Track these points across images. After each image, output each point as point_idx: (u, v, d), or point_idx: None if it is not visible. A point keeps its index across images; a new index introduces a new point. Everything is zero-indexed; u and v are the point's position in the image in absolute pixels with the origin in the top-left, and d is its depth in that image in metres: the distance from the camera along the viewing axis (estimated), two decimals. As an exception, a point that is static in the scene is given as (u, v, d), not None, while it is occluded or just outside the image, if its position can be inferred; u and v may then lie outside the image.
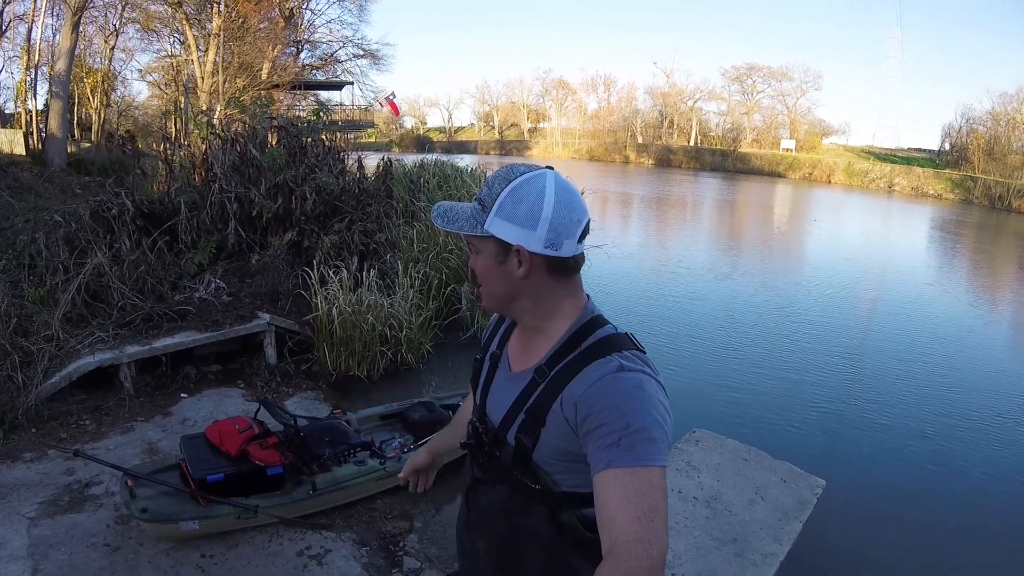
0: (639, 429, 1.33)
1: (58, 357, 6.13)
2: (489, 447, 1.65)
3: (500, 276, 1.56)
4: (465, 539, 1.86)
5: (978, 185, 43.83)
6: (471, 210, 1.56)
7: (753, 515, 4.34)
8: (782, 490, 4.65)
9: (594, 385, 1.42)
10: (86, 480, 4.77)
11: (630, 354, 1.48)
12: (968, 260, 21.34)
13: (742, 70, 69.54)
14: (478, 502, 1.77)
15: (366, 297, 7.50)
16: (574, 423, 1.43)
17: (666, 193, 36.79)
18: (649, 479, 1.29)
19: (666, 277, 14.45)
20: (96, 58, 27.15)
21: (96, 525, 4.28)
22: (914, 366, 9.56)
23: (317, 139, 9.98)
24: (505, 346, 1.77)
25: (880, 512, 5.65)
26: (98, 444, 5.40)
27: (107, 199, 8.09)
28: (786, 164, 56.64)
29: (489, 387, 1.74)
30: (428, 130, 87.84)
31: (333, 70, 31.68)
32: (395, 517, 4.73)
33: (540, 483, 1.55)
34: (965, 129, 55.06)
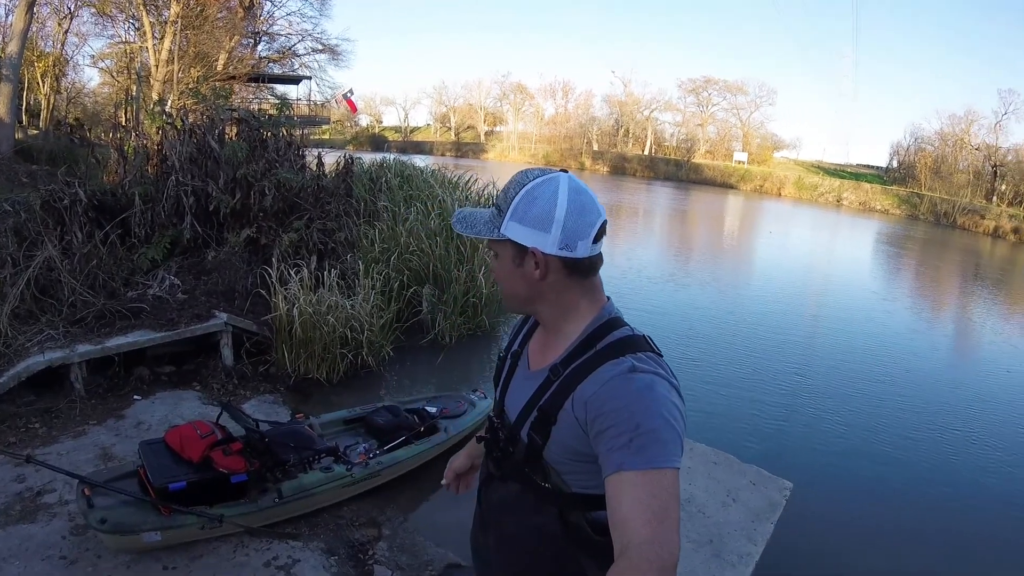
0: (649, 431, 1.35)
1: (6, 355, 5.82)
2: (504, 443, 1.69)
3: (518, 278, 1.60)
4: (479, 534, 1.92)
5: (924, 202, 45.57)
6: (489, 215, 1.61)
7: (727, 517, 4.46)
8: (752, 492, 4.79)
9: (605, 386, 1.44)
10: (38, 488, 4.51)
11: (644, 356, 1.50)
12: (916, 273, 22.40)
13: (698, 82, 71.37)
14: (490, 498, 1.82)
15: (327, 298, 7.34)
16: (584, 423, 1.45)
17: (620, 201, 37.16)
18: (661, 481, 1.31)
19: (623, 286, 14.49)
20: (48, 41, 26.59)
21: (51, 536, 4.03)
22: (870, 370, 10.05)
23: (278, 133, 9.74)
24: (526, 345, 1.81)
25: (846, 511, 6.00)
26: (49, 449, 5.12)
27: (59, 189, 7.76)
28: (738, 176, 57.97)
29: (509, 384, 1.79)
30: (384, 129, 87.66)
31: (291, 64, 31.37)
32: (363, 524, 4.60)
33: (550, 482, 1.58)
34: (913, 148, 57.14)
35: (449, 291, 9.05)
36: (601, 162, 66.41)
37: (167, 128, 9.09)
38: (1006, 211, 43.34)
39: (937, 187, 49.14)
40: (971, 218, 42.59)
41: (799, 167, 62.90)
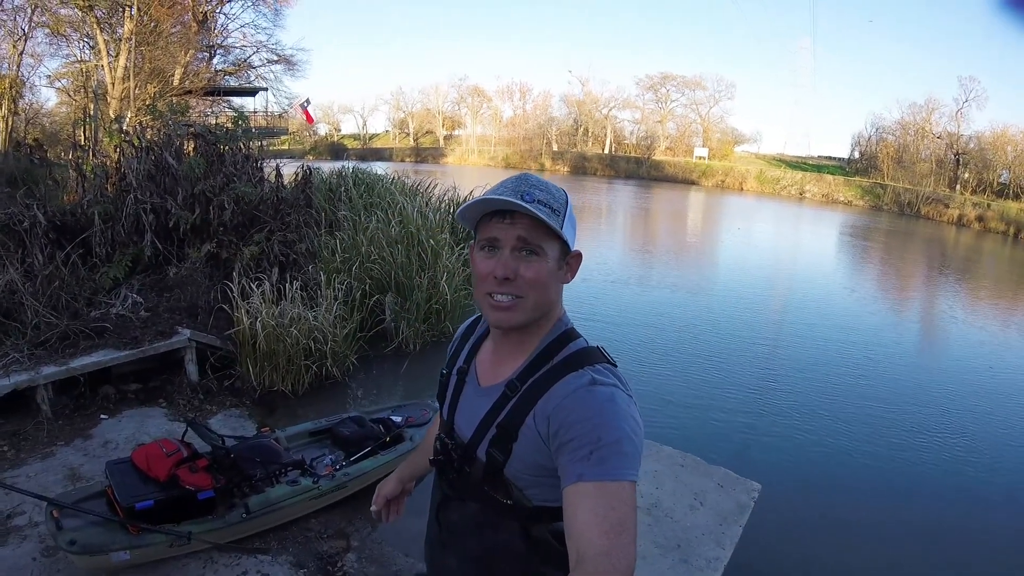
0: (611, 443, 1.33)
1: (-30, 379, 5.85)
2: (459, 463, 1.63)
3: (555, 282, 1.56)
4: (437, 555, 1.84)
5: (887, 192, 45.76)
6: None
7: (694, 521, 4.40)
8: (720, 495, 4.72)
9: (567, 399, 1.42)
10: (8, 511, 4.55)
11: (602, 367, 1.49)
12: (882, 265, 22.47)
13: (656, 79, 71.00)
14: (448, 519, 1.75)
15: (289, 310, 7.41)
16: (546, 436, 1.43)
17: (581, 201, 37.05)
18: (619, 493, 1.30)
19: (586, 287, 14.48)
20: (3, 64, 26.19)
21: (21, 559, 4.09)
22: (838, 367, 10.05)
23: (235, 147, 9.77)
24: (473, 360, 1.75)
25: (815, 510, 5.99)
26: (18, 471, 5.16)
27: (18, 211, 7.77)
28: (699, 172, 58.03)
29: (457, 402, 1.72)
30: (343, 137, 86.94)
31: (247, 76, 31.00)
32: (331, 536, 4.67)
33: (511, 498, 1.54)
34: (875, 138, 57.21)
35: (412, 298, 9.11)
36: (561, 162, 66.42)
37: (124, 146, 9.09)
38: (969, 199, 43.60)
39: (900, 177, 49.06)
40: (935, 207, 42.71)
41: (761, 161, 62.87)
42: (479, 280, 1.55)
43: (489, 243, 1.52)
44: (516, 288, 1.50)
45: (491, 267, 1.51)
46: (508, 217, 1.49)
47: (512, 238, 1.48)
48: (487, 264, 1.52)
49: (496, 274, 1.49)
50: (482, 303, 1.57)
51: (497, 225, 1.50)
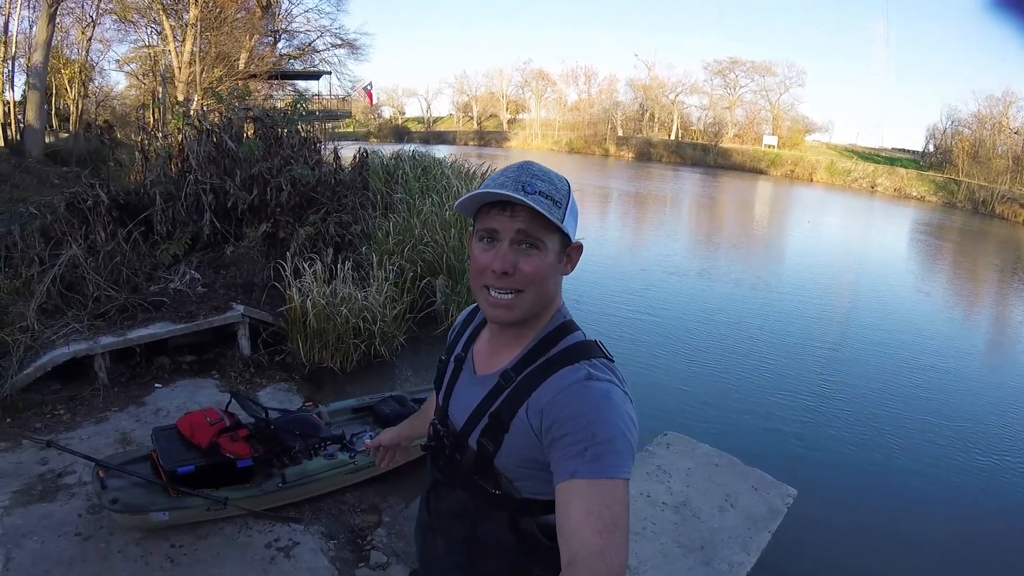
0: (605, 440, 1.31)
1: (33, 348, 6.18)
2: (450, 450, 1.62)
3: (556, 275, 1.53)
4: (426, 540, 1.85)
5: (961, 188, 43.42)
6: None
7: (722, 522, 4.30)
8: (753, 498, 4.60)
9: (561, 393, 1.40)
10: (59, 470, 4.84)
11: (599, 362, 1.47)
12: (951, 267, 21.23)
13: (725, 64, 68.98)
14: (438, 505, 1.75)
15: (340, 289, 7.56)
16: (539, 430, 1.42)
17: (646, 189, 36.60)
18: (612, 491, 1.28)
19: (645, 276, 14.37)
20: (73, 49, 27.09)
21: (68, 514, 4.35)
22: (893, 376, 9.36)
23: (293, 130, 9.98)
24: (471, 348, 1.74)
25: (850, 525, 5.59)
26: (72, 434, 5.46)
27: (82, 191, 8.13)
28: (768, 160, 56.43)
29: (452, 389, 1.71)
30: (407, 120, 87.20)
31: (311, 60, 31.49)
32: (364, 511, 4.80)
33: (500, 488, 1.54)
34: (950, 131, 54.48)
35: (462, 282, 9.14)
36: (626, 148, 65.11)
37: (187, 129, 9.38)
38: (1047, 200, 41.35)
39: (975, 173, 46.28)
40: (1010, 207, 39.41)
41: (832, 151, 60.81)
42: (477, 272, 1.52)
43: (488, 234, 1.49)
44: (515, 282, 1.47)
45: (489, 260, 1.48)
46: (508, 209, 1.45)
47: (511, 231, 1.45)
48: (485, 256, 1.49)
49: (494, 267, 1.46)
50: (479, 296, 1.55)
51: (497, 216, 1.47)
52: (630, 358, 8.98)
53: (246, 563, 4.04)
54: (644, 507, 4.38)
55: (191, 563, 4.00)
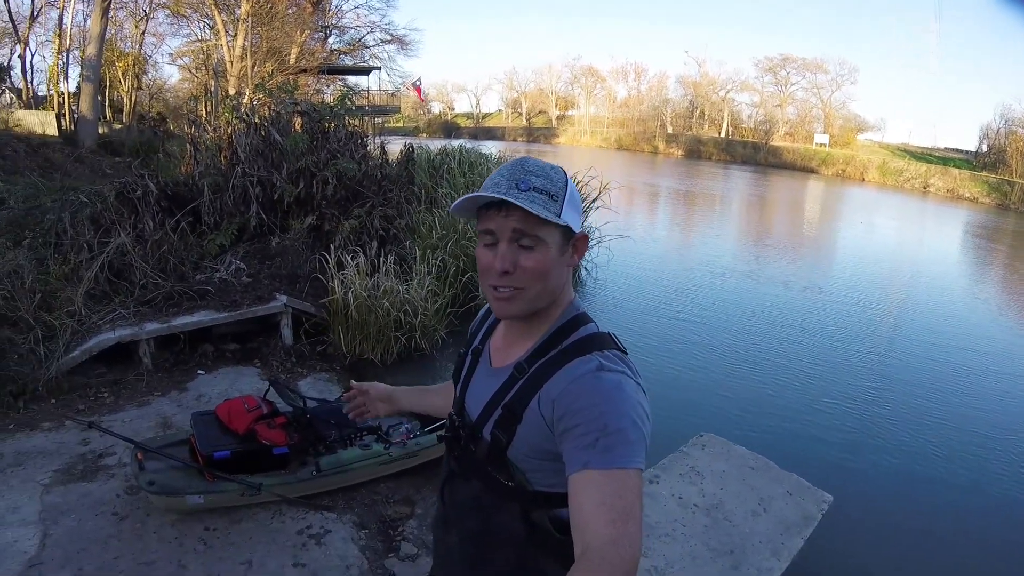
0: (617, 431, 1.31)
1: (80, 332, 6.35)
2: (465, 441, 1.64)
3: (560, 269, 1.52)
4: (440, 532, 1.86)
5: (1015, 190, 42.09)
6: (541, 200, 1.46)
7: (754, 527, 4.22)
8: (787, 503, 4.51)
9: (572, 384, 1.41)
10: (100, 451, 4.96)
11: (611, 354, 1.47)
12: (1006, 271, 20.58)
13: (776, 61, 68.03)
14: (452, 496, 1.76)
15: (383, 282, 7.63)
16: (551, 421, 1.42)
17: (695, 187, 36.09)
18: (625, 481, 1.28)
19: (691, 276, 14.20)
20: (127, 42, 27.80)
21: (106, 494, 4.45)
22: (942, 386, 8.96)
23: (340, 124, 10.08)
24: (487, 341, 1.76)
25: (886, 537, 5.41)
26: (114, 416, 5.59)
27: (132, 181, 8.30)
28: (819, 159, 55.44)
29: (469, 381, 1.72)
30: (456, 116, 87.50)
31: (361, 55, 31.78)
32: (397, 502, 4.81)
33: (513, 480, 1.54)
34: (1004, 130, 53.23)
35: (506, 277, 9.13)
36: (675, 145, 64.38)
37: (235, 122, 9.52)
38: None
39: None
40: None
41: (884, 150, 59.46)
42: (481, 273, 1.53)
43: (487, 235, 1.50)
44: (516, 280, 1.48)
45: (491, 260, 1.49)
46: (503, 209, 1.46)
47: (508, 229, 1.46)
48: (488, 257, 1.50)
49: (496, 267, 1.47)
50: (487, 294, 1.55)
51: (493, 217, 1.47)
52: (672, 357, 8.99)
53: (277, 548, 4.09)
54: (675, 509, 4.33)
55: (224, 546, 4.06)
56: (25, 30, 26.23)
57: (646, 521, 4.08)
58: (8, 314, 6.28)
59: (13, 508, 4.24)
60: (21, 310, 6.29)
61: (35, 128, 19.22)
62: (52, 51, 24.42)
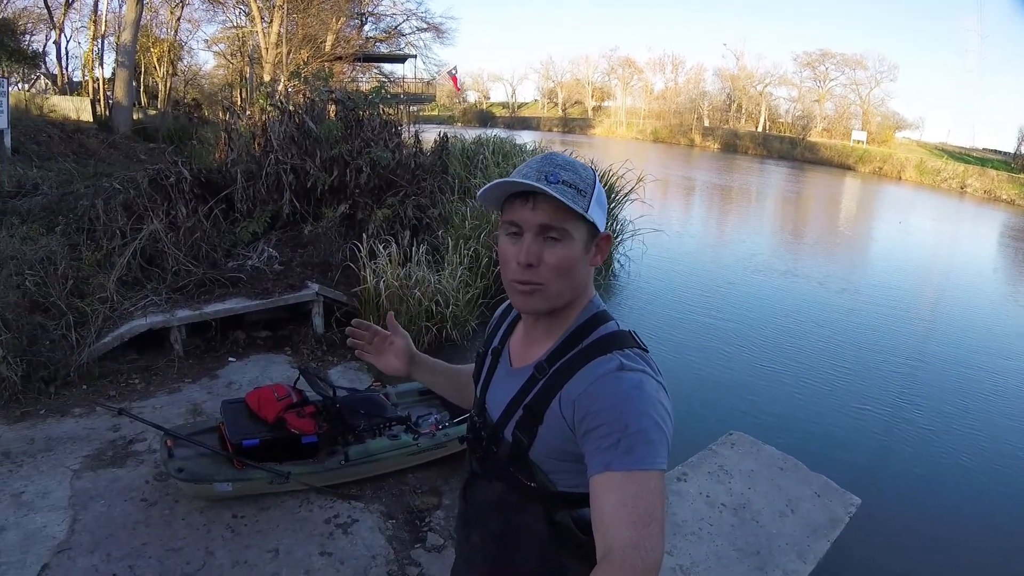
0: (639, 431, 1.29)
1: (111, 318, 6.38)
2: (487, 442, 1.62)
3: (583, 266, 1.49)
4: (462, 532, 1.85)
5: None
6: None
7: (781, 528, 4.21)
8: (814, 504, 4.50)
9: (593, 384, 1.38)
10: (130, 437, 4.99)
11: (632, 352, 1.44)
12: None
13: (815, 56, 67.05)
14: (474, 497, 1.75)
15: (415, 272, 7.61)
16: (572, 422, 1.40)
17: (731, 182, 35.66)
18: (647, 483, 1.26)
19: (725, 273, 14.05)
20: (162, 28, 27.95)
21: (135, 480, 4.47)
22: (973, 390, 8.76)
23: (374, 113, 10.05)
24: (507, 341, 1.72)
25: (913, 540, 5.34)
26: (145, 403, 5.61)
27: (165, 167, 8.33)
28: (856, 156, 54.71)
29: (490, 382, 1.70)
30: (491, 105, 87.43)
31: (397, 43, 31.81)
32: (424, 492, 4.79)
33: (536, 481, 1.52)
34: None
35: (538, 268, 9.08)
36: (712, 139, 63.88)
37: (269, 109, 9.52)
38: None
39: None
40: None
41: (922, 149, 58.37)
42: (504, 265, 1.50)
43: (512, 227, 1.46)
44: (539, 275, 1.44)
45: (515, 252, 1.45)
46: (530, 200, 1.42)
47: (535, 222, 1.42)
48: (511, 249, 1.46)
49: (519, 260, 1.43)
50: (508, 289, 1.52)
51: (520, 208, 1.44)
52: (703, 354, 8.91)
53: (305, 537, 4.08)
54: (703, 507, 4.31)
55: (251, 533, 4.06)
56: (60, 16, 26.62)
57: (672, 519, 4.08)
58: (40, 300, 6.31)
59: (43, 493, 4.27)
60: (53, 296, 6.32)
61: (70, 114, 19.30)
62: (87, 37, 24.62)
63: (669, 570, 3.66)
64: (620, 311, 10.34)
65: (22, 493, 4.26)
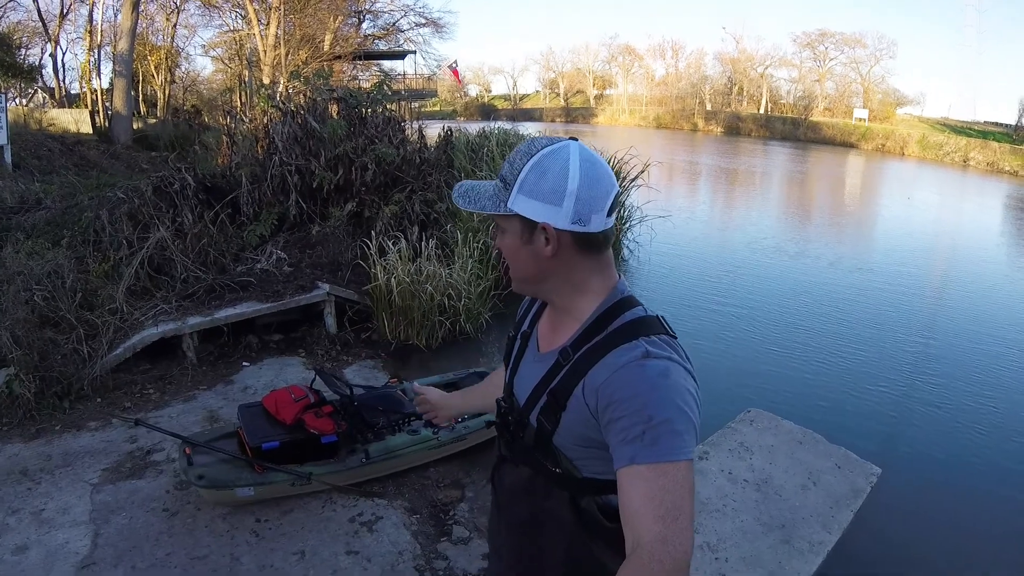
0: (663, 421, 1.28)
1: (122, 329, 6.33)
2: (514, 427, 1.64)
3: (527, 256, 1.51)
4: (494, 521, 1.89)
5: None
6: (493, 188, 1.51)
7: (804, 501, 4.22)
8: (835, 476, 4.51)
9: (617, 372, 1.37)
10: (148, 447, 4.93)
11: (658, 339, 1.42)
12: None
13: (814, 36, 67.06)
14: (503, 481, 1.78)
15: (425, 267, 7.55)
16: (595, 411, 1.40)
17: (736, 164, 35.52)
18: (674, 475, 1.25)
19: (733, 252, 14.00)
20: (159, 35, 28.00)
21: (156, 491, 4.42)
22: (991, 356, 8.78)
23: (377, 110, 9.99)
24: (536, 325, 1.73)
25: (935, 507, 5.38)
26: (161, 412, 5.55)
27: (169, 175, 8.28)
28: (858, 134, 54.63)
29: (518, 366, 1.72)
30: (493, 98, 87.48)
31: (395, 39, 31.90)
32: (447, 486, 4.76)
33: (561, 467, 1.53)
34: None
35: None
36: (714, 123, 63.76)
37: (271, 111, 9.47)
38: None
39: None
40: None
41: (924, 124, 58.16)
42: None
43: None
44: (506, 261, 1.58)
45: None
46: None
47: None
48: None
49: None
50: None
51: None
52: (718, 334, 8.86)
53: (330, 537, 4.04)
54: (725, 484, 4.30)
55: (276, 537, 4.01)
56: (55, 28, 26.68)
57: (697, 497, 3.96)
58: (50, 315, 6.27)
59: (64, 509, 4.21)
60: (63, 310, 6.28)
61: (69, 126, 19.38)
62: (83, 48, 24.77)
63: (696, 548, 3.60)
64: (633, 296, 10.30)
65: (42, 510, 4.20)
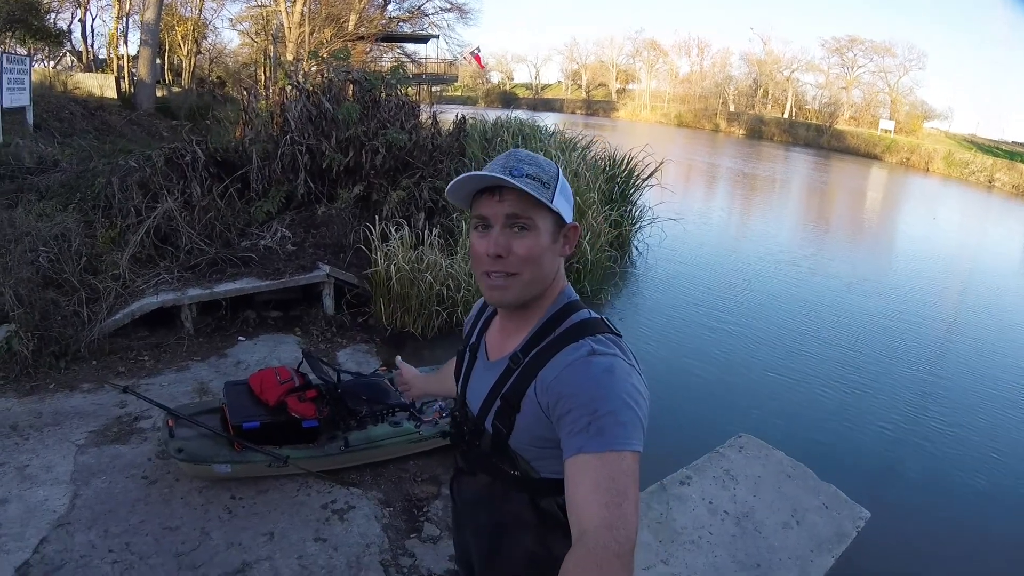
0: (608, 413, 1.33)
1: (123, 295, 6.47)
2: (469, 436, 1.68)
3: (550, 258, 1.54)
4: (455, 532, 1.95)
5: None
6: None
7: (784, 541, 4.03)
8: (821, 516, 4.29)
9: (565, 370, 1.43)
10: (136, 414, 5.07)
11: (604, 338, 1.48)
12: None
13: (843, 42, 66.15)
14: (462, 494, 1.84)
15: (427, 255, 7.61)
16: (547, 408, 1.44)
17: (756, 169, 34.92)
18: (619, 464, 1.28)
19: (743, 264, 13.72)
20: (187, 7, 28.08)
21: (138, 457, 4.55)
22: (1000, 402, 8.38)
23: (391, 94, 10.03)
24: (483, 336, 1.78)
25: (922, 561, 5.13)
26: (152, 380, 5.69)
27: (181, 146, 8.38)
28: (883, 146, 53.78)
29: (469, 377, 1.76)
30: (515, 86, 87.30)
31: (420, 23, 31.86)
32: (424, 481, 4.80)
33: (519, 469, 1.57)
34: None
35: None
36: (737, 124, 63.26)
37: (288, 89, 9.53)
38: None
39: None
40: None
41: (950, 140, 57.02)
42: (475, 260, 1.56)
43: (481, 221, 1.53)
44: (509, 265, 1.50)
45: (485, 246, 1.52)
46: (497, 194, 1.49)
47: (502, 215, 1.49)
48: (481, 243, 1.53)
49: (489, 251, 1.50)
50: (480, 283, 1.58)
51: (487, 202, 1.51)
52: (715, 351, 8.73)
53: (301, 521, 4.12)
54: (704, 515, 4.20)
55: (247, 515, 4.10)
56: (86, -7, 26.72)
57: (672, 525, 4.02)
58: (54, 276, 6.40)
59: (47, 467, 4.35)
60: (67, 272, 6.42)
61: (94, 91, 19.49)
62: (112, 15, 24.86)
63: (664, 582, 3.62)
64: (635, 303, 10.40)
65: (27, 466, 4.35)
